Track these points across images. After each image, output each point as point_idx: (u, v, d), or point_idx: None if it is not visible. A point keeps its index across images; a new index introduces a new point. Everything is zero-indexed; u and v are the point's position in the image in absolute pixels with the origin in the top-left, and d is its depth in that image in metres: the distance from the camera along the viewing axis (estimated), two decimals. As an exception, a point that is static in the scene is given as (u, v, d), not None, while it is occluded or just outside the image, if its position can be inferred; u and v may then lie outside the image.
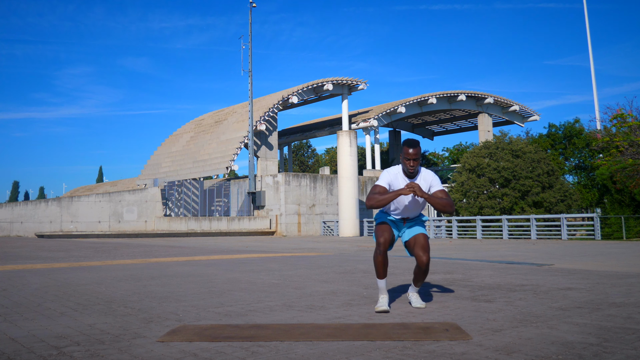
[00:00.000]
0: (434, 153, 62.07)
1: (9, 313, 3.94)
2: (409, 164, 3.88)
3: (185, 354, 2.65)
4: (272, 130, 35.30)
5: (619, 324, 3.35)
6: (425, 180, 3.98)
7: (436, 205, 3.81)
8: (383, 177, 3.99)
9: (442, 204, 3.81)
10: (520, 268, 7.46)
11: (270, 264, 8.59)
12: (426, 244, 3.98)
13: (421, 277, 4.05)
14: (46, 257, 10.50)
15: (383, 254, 3.89)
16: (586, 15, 35.72)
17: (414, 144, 3.88)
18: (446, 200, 3.85)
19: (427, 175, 3.99)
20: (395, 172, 4.01)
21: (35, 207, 30.25)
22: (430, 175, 4.00)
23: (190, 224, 31.09)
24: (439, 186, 3.97)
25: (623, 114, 20.31)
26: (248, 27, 33.82)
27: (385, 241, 3.89)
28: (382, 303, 3.86)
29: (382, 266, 3.91)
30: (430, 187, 3.97)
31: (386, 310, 3.80)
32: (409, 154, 3.87)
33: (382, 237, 3.89)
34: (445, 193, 3.92)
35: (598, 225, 20.25)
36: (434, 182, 3.98)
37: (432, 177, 3.99)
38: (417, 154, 3.87)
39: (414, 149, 3.86)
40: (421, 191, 3.76)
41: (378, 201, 3.82)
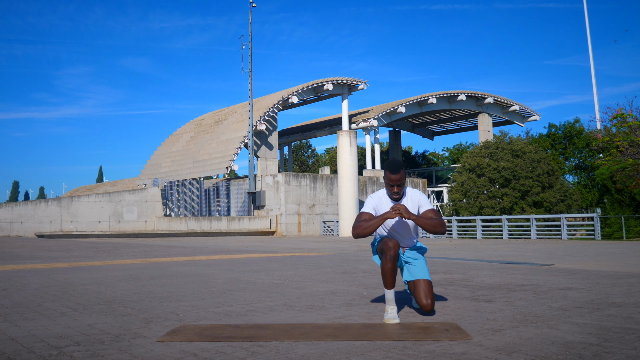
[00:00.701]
0: (434, 153, 62.10)
1: (9, 313, 3.94)
2: (393, 190, 3.63)
3: (185, 354, 2.65)
4: (272, 130, 35.30)
5: (619, 324, 3.35)
6: (413, 201, 3.72)
7: (425, 226, 3.51)
8: (368, 203, 3.73)
9: (432, 224, 3.51)
10: (520, 268, 7.46)
11: (270, 264, 8.59)
12: (429, 290, 3.70)
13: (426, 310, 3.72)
14: (46, 257, 10.50)
15: (393, 260, 3.49)
16: (586, 15, 35.75)
17: (396, 167, 3.59)
18: (437, 220, 3.56)
19: (414, 195, 3.74)
20: (379, 196, 3.76)
21: (35, 207, 30.26)
22: (417, 194, 3.75)
23: (190, 224, 31.10)
24: (428, 205, 3.69)
25: (623, 114, 20.31)
26: (248, 27, 33.83)
27: (395, 245, 3.50)
28: (391, 314, 3.45)
29: (391, 274, 3.50)
30: (419, 207, 3.71)
31: (396, 322, 3.42)
32: (392, 179, 3.60)
33: (391, 242, 3.51)
34: (435, 212, 3.65)
35: (598, 225, 20.25)
36: (422, 201, 3.72)
37: (419, 196, 3.74)
38: (402, 179, 3.60)
39: (396, 174, 3.58)
40: (408, 212, 3.43)
41: (364, 229, 3.49)
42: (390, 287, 3.51)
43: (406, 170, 3.58)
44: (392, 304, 3.50)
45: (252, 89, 33.46)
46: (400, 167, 3.60)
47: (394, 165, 3.61)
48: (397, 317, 3.46)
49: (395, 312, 3.48)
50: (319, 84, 35.45)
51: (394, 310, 3.48)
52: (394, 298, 3.55)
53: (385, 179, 3.67)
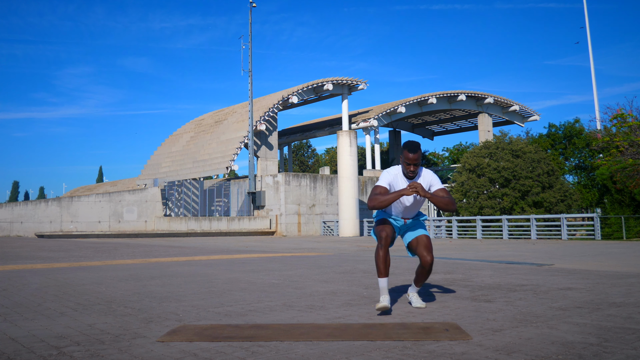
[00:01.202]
0: (434, 153, 62.08)
1: (9, 313, 3.94)
2: (410, 168, 3.87)
3: (185, 354, 2.65)
4: (272, 130, 35.30)
5: (619, 324, 3.35)
6: (425, 180, 3.97)
7: (438, 203, 3.80)
8: (383, 178, 3.95)
9: (445, 202, 3.80)
10: (520, 268, 7.46)
11: (270, 264, 8.59)
12: (429, 244, 3.99)
13: (423, 277, 4.05)
14: (46, 257, 10.50)
15: (385, 249, 3.81)
16: (586, 15, 35.74)
17: (414, 147, 3.83)
18: (448, 198, 3.84)
19: (426, 175, 3.98)
20: (395, 173, 3.98)
21: (35, 207, 30.26)
22: (430, 174, 3.99)
23: (190, 224, 31.09)
24: (439, 185, 3.96)
25: (623, 114, 20.31)
26: (248, 27, 33.84)
27: (387, 235, 3.86)
28: (384, 301, 3.70)
29: (383, 262, 3.79)
30: (431, 187, 3.96)
31: (387, 307, 3.66)
32: (410, 158, 3.83)
33: (384, 232, 3.87)
34: (446, 192, 3.90)
35: (598, 225, 20.25)
36: (434, 181, 3.97)
37: (431, 176, 3.98)
38: (418, 158, 3.84)
39: (414, 154, 3.82)
40: (424, 191, 3.72)
41: (381, 202, 3.77)
42: (383, 275, 3.80)
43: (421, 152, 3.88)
44: (384, 293, 3.77)
45: (252, 89, 33.47)
46: (418, 148, 3.85)
47: (412, 145, 3.85)
48: (388, 303, 3.70)
49: (386, 300, 3.70)
50: (319, 84, 35.45)
51: (385, 298, 3.72)
52: (387, 287, 3.80)
53: (403, 158, 3.89)
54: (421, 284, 4.11)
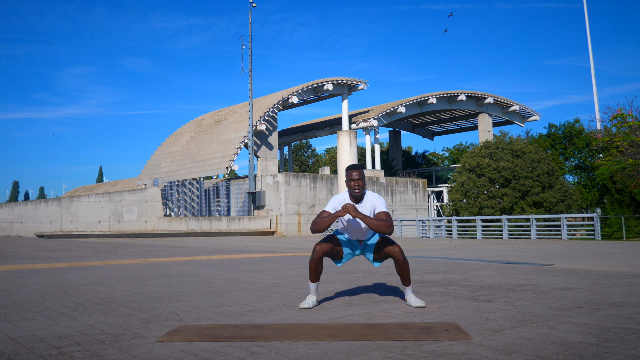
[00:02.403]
0: (434, 153, 62.07)
1: (9, 313, 3.94)
2: (353, 184, 4.07)
3: (185, 354, 2.65)
4: (272, 130, 35.30)
5: (619, 324, 3.35)
6: (370, 202, 4.12)
7: (371, 225, 3.90)
8: (330, 203, 4.15)
9: (378, 225, 3.90)
10: (520, 268, 7.46)
11: (270, 264, 8.59)
12: (390, 242, 4.12)
13: (405, 272, 4.13)
14: (46, 257, 10.50)
15: (316, 262, 4.07)
16: (586, 15, 35.75)
17: (356, 166, 4.15)
18: (383, 221, 3.94)
19: (371, 198, 4.15)
20: (342, 198, 4.16)
21: (35, 207, 30.26)
22: (375, 197, 4.15)
23: (190, 224, 31.09)
24: (381, 208, 4.08)
25: (623, 114, 20.31)
26: (248, 27, 33.83)
27: (320, 250, 4.05)
28: (307, 301, 4.08)
29: (313, 271, 4.10)
30: (375, 209, 4.09)
31: (308, 307, 4.00)
32: (353, 175, 4.07)
33: (319, 246, 4.06)
34: (386, 215, 4.03)
35: (598, 225, 20.24)
36: (377, 204, 4.11)
37: (376, 199, 4.14)
38: (360, 175, 4.07)
39: (356, 171, 4.09)
40: (355, 211, 3.85)
41: (318, 225, 3.98)
42: (313, 280, 4.14)
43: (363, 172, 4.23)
44: (313, 294, 4.17)
45: (252, 89, 33.47)
46: (360, 167, 4.18)
47: (353, 165, 4.20)
48: (311, 305, 4.05)
49: (310, 301, 4.09)
50: (319, 84, 35.44)
51: (311, 298, 4.13)
52: (316, 290, 4.18)
53: (346, 178, 4.14)
54: (408, 280, 4.17)
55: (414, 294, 4.30)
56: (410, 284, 4.21)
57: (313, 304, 4.09)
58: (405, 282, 4.19)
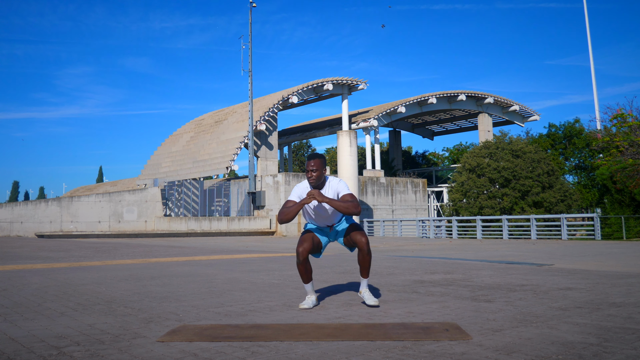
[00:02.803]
0: (434, 153, 62.07)
1: (9, 313, 3.94)
2: (308, 174, 4.08)
3: (185, 354, 2.66)
4: (272, 130, 35.29)
5: (619, 324, 3.35)
6: (332, 187, 4.13)
7: (338, 208, 3.91)
8: (293, 192, 4.18)
9: (345, 206, 3.91)
10: (520, 268, 7.46)
11: (270, 264, 8.59)
12: (359, 229, 4.12)
13: (365, 263, 4.12)
14: (46, 257, 10.50)
15: (303, 264, 4.07)
16: (586, 15, 35.75)
17: (313, 156, 4.11)
18: (349, 202, 3.95)
19: (333, 182, 4.16)
20: (304, 186, 4.17)
21: (35, 207, 30.26)
22: (336, 181, 4.16)
23: (190, 224, 31.08)
24: (345, 190, 4.09)
25: (623, 114, 20.31)
26: (248, 27, 33.82)
27: (303, 250, 4.04)
28: (307, 302, 4.10)
29: (303, 273, 4.11)
30: (338, 193, 4.09)
31: (308, 308, 4.03)
32: (309, 165, 4.07)
33: (301, 247, 4.05)
34: (351, 196, 4.03)
35: (598, 225, 20.24)
36: (340, 187, 4.12)
37: (337, 183, 4.15)
38: (317, 165, 4.05)
39: (314, 160, 4.07)
40: (321, 196, 3.89)
41: (285, 214, 3.98)
42: (306, 282, 4.15)
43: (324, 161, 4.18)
44: (310, 294, 4.18)
45: (252, 89, 33.47)
46: (317, 157, 4.11)
47: (312, 154, 4.15)
48: (311, 305, 4.07)
49: (310, 301, 4.10)
50: (319, 84, 35.44)
51: (310, 298, 4.14)
52: (313, 289, 4.19)
53: (305, 167, 4.12)
54: (366, 272, 4.17)
55: (369, 290, 4.29)
56: (368, 276, 4.23)
57: (313, 303, 4.11)
58: (364, 273, 4.20)
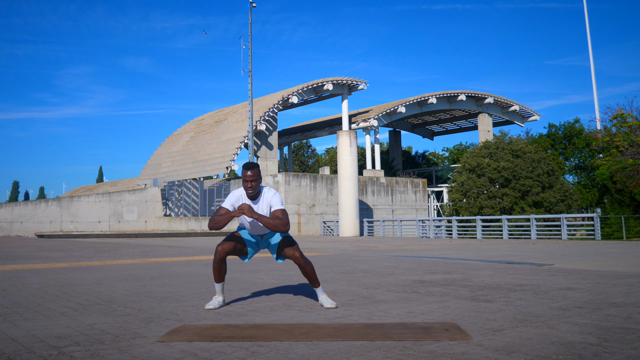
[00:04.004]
0: (434, 153, 62.07)
1: (9, 313, 3.94)
2: (247, 185, 4.02)
3: (185, 354, 2.66)
4: (272, 130, 35.30)
5: (619, 324, 3.35)
6: (265, 200, 4.09)
7: (266, 225, 3.88)
8: (227, 199, 4.13)
9: (273, 223, 3.89)
10: (520, 268, 7.46)
11: (270, 264, 8.59)
12: (291, 244, 4.11)
13: (310, 275, 4.13)
14: (46, 257, 10.50)
15: (219, 262, 4.07)
16: (586, 15, 35.76)
17: (251, 166, 4.03)
18: (279, 220, 3.92)
19: (267, 195, 4.11)
20: (239, 194, 4.12)
21: (35, 207, 30.26)
22: (271, 194, 4.11)
23: (190, 224, 31.08)
24: (277, 205, 4.05)
25: (623, 114, 20.32)
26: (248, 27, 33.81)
27: (222, 250, 4.04)
28: (213, 302, 4.12)
29: (217, 271, 4.11)
30: (271, 207, 4.07)
31: (214, 308, 4.05)
32: (247, 175, 3.99)
33: (221, 246, 4.05)
34: (282, 212, 4.00)
35: (598, 225, 20.24)
36: (273, 201, 4.08)
37: (272, 196, 4.10)
38: (254, 175, 3.99)
39: (251, 171, 4.00)
40: (250, 212, 3.85)
41: (215, 223, 3.96)
42: (217, 281, 4.15)
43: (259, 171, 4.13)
44: (219, 294, 4.18)
45: (252, 89, 33.47)
46: (255, 166, 4.05)
47: (249, 164, 4.08)
48: (217, 305, 4.08)
49: (217, 302, 4.11)
50: (319, 84, 35.45)
51: (217, 299, 4.14)
52: (222, 290, 4.18)
53: (242, 177, 4.04)
54: (315, 282, 4.17)
55: (325, 294, 4.23)
56: (319, 285, 4.19)
57: (219, 304, 4.11)
58: (314, 284, 4.18)
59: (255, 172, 4.01)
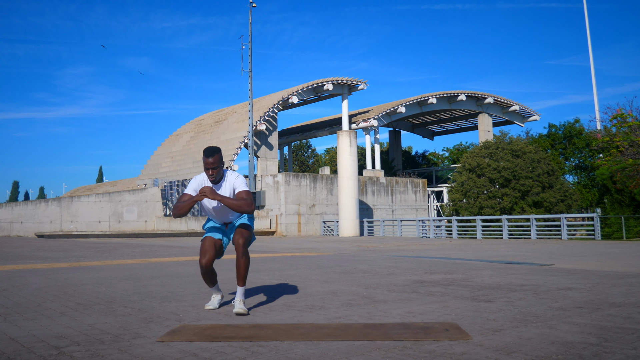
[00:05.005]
0: (434, 153, 62.07)
1: (9, 313, 3.94)
2: (208, 172, 3.90)
3: (185, 354, 2.66)
4: (272, 130, 35.30)
5: (619, 324, 3.36)
6: (229, 183, 3.98)
7: (230, 206, 3.78)
8: (190, 185, 3.99)
9: (238, 204, 3.79)
10: (520, 268, 7.46)
11: (270, 264, 8.59)
12: (244, 230, 3.96)
13: (240, 269, 3.89)
14: (46, 257, 10.50)
15: (207, 274, 3.97)
16: (586, 15, 35.77)
17: (211, 152, 3.89)
18: (243, 200, 3.83)
19: (231, 178, 4.00)
20: (202, 179, 4.01)
21: (35, 207, 30.25)
22: (234, 177, 4.01)
23: (190, 224, 31.07)
24: (241, 187, 3.95)
25: (623, 114, 20.32)
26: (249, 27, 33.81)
27: (207, 262, 3.91)
28: (212, 302, 4.14)
29: (208, 280, 4.04)
30: (235, 189, 3.96)
31: (214, 308, 4.08)
32: (208, 162, 3.87)
33: (205, 258, 3.91)
34: (246, 193, 3.90)
35: (598, 225, 20.24)
36: (237, 183, 3.98)
37: (234, 178, 4.00)
38: (216, 162, 3.87)
39: (212, 157, 3.87)
40: (212, 194, 3.75)
41: (179, 209, 3.83)
42: (211, 286, 4.13)
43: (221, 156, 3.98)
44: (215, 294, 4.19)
45: (252, 89, 33.46)
46: (216, 152, 3.92)
47: (209, 150, 3.92)
48: (217, 303, 4.12)
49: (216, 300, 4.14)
50: (319, 84, 35.45)
51: (215, 298, 4.17)
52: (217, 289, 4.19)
53: (203, 163, 3.92)
54: (241, 280, 3.91)
55: (243, 298, 3.92)
56: (243, 284, 3.92)
57: (219, 302, 4.15)
58: (239, 280, 3.92)
59: (216, 158, 3.88)
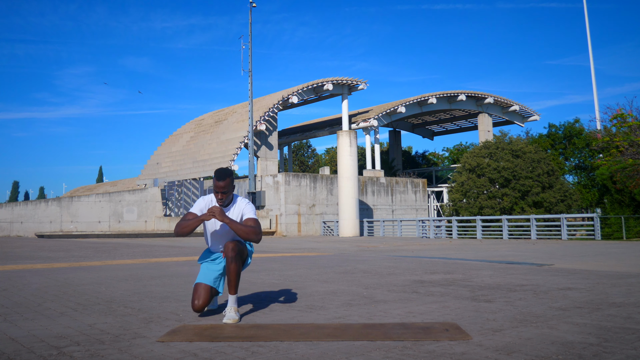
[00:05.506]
0: (434, 153, 62.07)
1: (9, 313, 3.94)
2: (218, 196, 3.75)
3: (185, 354, 2.66)
4: (272, 130, 35.30)
5: (619, 324, 3.36)
6: (238, 208, 3.85)
7: (238, 231, 3.61)
8: (196, 204, 3.88)
9: (245, 231, 3.62)
10: (520, 268, 7.46)
11: (270, 264, 8.59)
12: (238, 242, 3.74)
13: (230, 275, 3.66)
14: (46, 257, 10.50)
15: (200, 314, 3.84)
16: (586, 15, 35.76)
17: (222, 175, 3.73)
18: (251, 228, 3.66)
19: (241, 203, 3.87)
20: (209, 199, 3.88)
21: (35, 207, 30.25)
22: (244, 203, 3.87)
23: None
24: (250, 214, 3.79)
25: (623, 114, 20.32)
26: (249, 27, 33.80)
27: (201, 306, 3.72)
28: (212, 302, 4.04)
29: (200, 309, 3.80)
30: (243, 215, 3.81)
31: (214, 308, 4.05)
32: (218, 186, 3.71)
33: (197, 301, 3.72)
34: (254, 222, 3.74)
35: (598, 225, 20.24)
36: (246, 210, 3.83)
37: (244, 205, 3.86)
38: (227, 186, 3.72)
39: (223, 181, 3.71)
40: (221, 215, 3.56)
41: (183, 228, 3.66)
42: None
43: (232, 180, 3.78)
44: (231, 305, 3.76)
45: (252, 89, 33.46)
46: (227, 176, 3.74)
47: (220, 173, 3.75)
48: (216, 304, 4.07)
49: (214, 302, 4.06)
50: (319, 84, 35.45)
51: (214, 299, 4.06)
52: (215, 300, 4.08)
53: (213, 185, 3.76)
54: (233, 288, 3.66)
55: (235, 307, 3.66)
56: (235, 292, 3.66)
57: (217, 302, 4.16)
58: (230, 288, 3.66)
59: (227, 182, 3.72)
